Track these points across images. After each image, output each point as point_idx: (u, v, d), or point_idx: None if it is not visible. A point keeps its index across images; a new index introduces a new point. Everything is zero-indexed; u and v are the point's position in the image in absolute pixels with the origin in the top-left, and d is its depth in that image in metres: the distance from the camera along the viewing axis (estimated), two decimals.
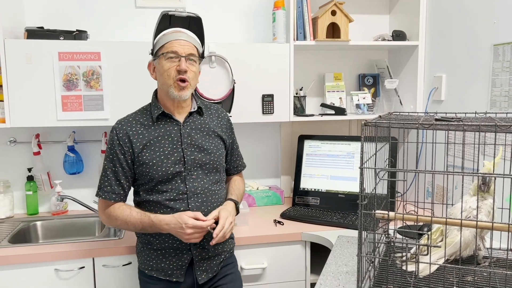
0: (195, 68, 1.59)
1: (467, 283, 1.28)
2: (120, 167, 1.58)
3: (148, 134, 1.59)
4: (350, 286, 1.37)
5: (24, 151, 2.31)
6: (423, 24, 2.32)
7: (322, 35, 2.26)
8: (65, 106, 2.02)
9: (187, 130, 1.62)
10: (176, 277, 1.59)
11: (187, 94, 1.57)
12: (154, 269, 1.61)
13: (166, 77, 1.55)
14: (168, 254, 1.59)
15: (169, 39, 1.55)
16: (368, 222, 1.21)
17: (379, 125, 1.19)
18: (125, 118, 1.64)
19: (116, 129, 1.60)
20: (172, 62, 1.54)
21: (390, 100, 2.57)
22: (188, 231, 1.47)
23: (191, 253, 1.59)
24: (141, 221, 1.55)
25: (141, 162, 1.57)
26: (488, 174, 1.08)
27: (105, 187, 1.60)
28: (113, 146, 1.59)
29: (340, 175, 2.32)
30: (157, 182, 1.56)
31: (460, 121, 1.14)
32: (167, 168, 1.56)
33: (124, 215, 1.57)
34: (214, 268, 1.64)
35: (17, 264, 1.76)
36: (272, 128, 2.61)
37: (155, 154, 1.57)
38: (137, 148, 1.57)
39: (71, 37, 2.06)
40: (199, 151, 1.61)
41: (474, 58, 1.94)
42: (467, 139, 1.90)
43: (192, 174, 1.59)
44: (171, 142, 1.59)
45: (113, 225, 1.64)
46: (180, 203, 1.57)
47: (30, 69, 1.98)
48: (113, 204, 1.61)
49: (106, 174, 1.60)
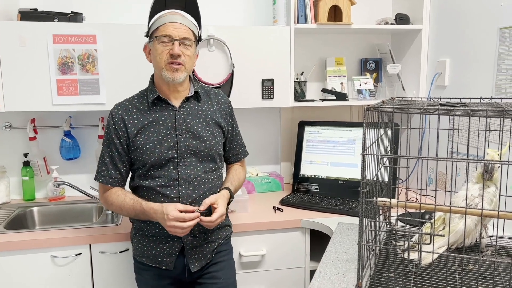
0: (189, 51, 1.54)
1: (469, 271, 1.26)
2: (116, 151, 1.57)
3: (143, 118, 1.56)
4: (350, 274, 1.35)
5: (19, 136, 2.28)
6: (427, 7, 2.27)
7: (324, 18, 2.20)
8: (60, 90, 1.98)
9: (183, 115, 1.58)
10: (165, 264, 1.58)
11: (180, 76, 1.53)
12: (145, 256, 1.60)
13: (159, 60, 1.52)
14: (159, 241, 1.58)
15: (163, 22, 1.51)
16: (369, 209, 1.19)
17: (382, 110, 1.16)
18: (122, 102, 1.62)
19: (113, 114, 1.59)
20: (166, 45, 1.51)
21: (392, 86, 2.53)
22: (169, 223, 1.43)
23: (181, 241, 1.57)
24: (134, 208, 1.54)
25: (135, 147, 1.55)
26: (493, 161, 1.04)
27: (102, 171, 1.59)
28: (109, 130, 1.58)
29: (340, 161, 2.29)
30: (150, 167, 1.55)
31: (466, 106, 1.10)
32: (160, 153, 1.54)
33: (118, 201, 1.57)
34: (207, 255, 1.62)
35: (13, 251, 1.75)
36: (272, 114, 2.57)
37: (149, 139, 1.54)
38: (131, 133, 1.55)
39: (66, 19, 2.00)
40: (194, 138, 1.58)
41: (479, 42, 1.89)
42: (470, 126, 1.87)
43: (185, 161, 1.56)
44: (165, 127, 1.56)
45: (111, 209, 1.63)
46: (171, 189, 1.54)
47: (24, 52, 1.93)
48: (110, 189, 1.60)
49: (103, 159, 1.59)
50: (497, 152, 1.29)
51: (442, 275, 1.24)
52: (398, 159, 1.83)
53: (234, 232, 1.92)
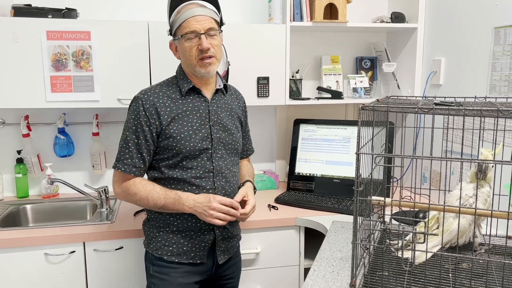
0: (217, 41, 1.53)
1: (463, 270, 1.27)
2: (144, 139, 1.50)
3: (175, 107, 1.52)
4: (344, 273, 1.35)
5: (13, 133, 2.26)
6: (422, 6, 2.27)
7: (320, 16, 2.20)
8: (54, 87, 1.97)
9: (214, 107, 1.58)
10: (199, 258, 1.56)
11: (214, 69, 1.53)
12: (175, 253, 1.55)
13: (189, 58, 1.50)
14: (189, 236, 1.55)
15: (185, 18, 1.48)
16: (363, 208, 1.19)
17: (377, 109, 1.16)
18: (150, 89, 1.54)
19: (142, 100, 1.50)
20: (193, 41, 1.49)
21: (387, 84, 2.53)
22: (214, 204, 1.45)
23: (213, 233, 1.57)
24: (166, 196, 1.48)
25: (167, 136, 1.50)
26: (487, 161, 1.05)
27: (126, 160, 1.51)
28: (138, 116, 1.49)
29: (335, 159, 2.29)
30: (184, 157, 1.51)
31: (460, 105, 1.10)
32: (195, 143, 1.51)
33: (146, 190, 1.50)
34: (230, 249, 1.65)
35: (6, 248, 1.73)
36: (267, 112, 2.57)
37: (183, 128, 1.51)
38: (165, 121, 1.49)
39: (60, 16, 1.99)
40: (224, 130, 1.59)
41: (474, 41, 1.90)
42: (465, 125, 1.87)
43: (217, 152, 1.57)
44: (199, 117, 1.54)
45: (128, 200, 1.55)
46: (206, 181, 1.53)
47: (17, 48, 1.91)
48: (133, 178, 1.53)
49: (127, 146, 1.51)
50: (491, 151, 1.29)
51: (435, 274, 1.25)
52: (392, 158, 1.84)
53: None
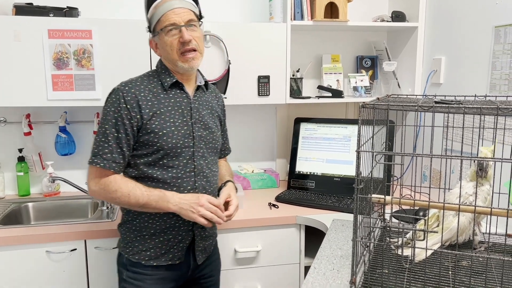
0: (198, 33, 1.48)
1: (462, 268, 1.28)
2: (125, 133, 1.41)
3: (157, 102, 1.46)
4: (345, 270, 1.35)
5: (14, 132, 2.27)
6: (423, 5, 2.27)
7: (320, 15, 2.21)
8: (55, 85, 1.97)
9: (196, 104, 1.54)
10: (178, 258, 1.52)
11: (198, 63, 1.49)
12: (153, 257, 1.50)
13: (171, 52, 1.45)
14: (168, 237, 1.50)
15: (163, 12, 1.43)
16: (363, 206, 1.19)
17: (377, 107, 1.16)
18: (130, 82, 1.47)
19: (123, 91, 1.42)
20: (173, 35, 1.44)
21: (388, 83, 2.54)
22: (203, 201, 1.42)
23: (192, 233, 1.53)
24: (149, 193, 1.41)
25: (148, 131, 1.42)
26: (487, 159, 1.05)
27: (105, 154, 1.41)
28: (118, 109, 1.41)
29: (336, 158, 2.30)
30: (165, 154, 1.45)
31: (460, 104, 1.11)
32: (177, 140, 1.46)
33: (128, 187, 1.41)
34: (208, 248, 1.61)
35: (8, 246, 1.74)
36: (268, 110, 2.58)
37: (165, 124, 1.45)
38: (146, 115, 1.42)
39: (61, 14, 1.99)
40: (205, 128, 1.54)
41: (475, 40, 1.90)
42: (465, 124, 1.88)
43: (199, 151, 1.51)
44: (181, 114, 1.49)
45: (107, 198, 1.45)
46: (187, 181, 1.48)
47: (19, 46, 1.92)
48: (113, 174, 1.44)
49: (107, 140, 1.41)
50: (490, 149, 1.30)
51: (435, 271, 1.25)
52: (393, 156, 1.84)
53: (229, 228, 1.93)
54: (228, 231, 1.93)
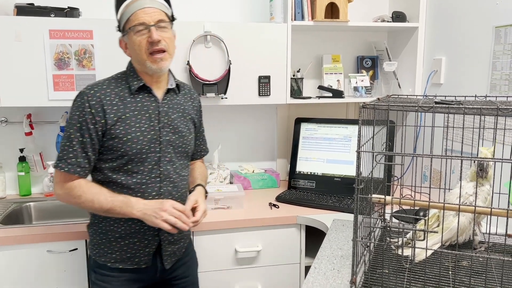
0: (168, 34, 1.45)
1: (462, 268, 1.28)
2: (89, 137, 1.40)
3: (123, 106, 1.43)
4: (345, 270, 1.36)
5: (15, 131, 2.27)
6: (423, 6, 2.28)
7: (321, 15, 2.21)
8: (56, 85, 1.98)
9: (165, 108, 1.50)
10: (144, 263, 1.50)
11: (167, 65, 1.45)
12: (119, 260, 1.48)
13: (139, 52, 1.42)
14: (134, 241, 1.48)
15: (133, 10, 1.40)
16: (364, 206, 1.20)
17: (377, 107, 1.16)
18: (97, 85, 1.45)
19: (88, 95, 1.40)
20: (142, 34, 1.40)
21: (388, 83, 2.54)
22: (167, 206, 1.38)
23: (158, 238, 1.50)
24: (113, 199, 1.40)
25: (113, 136, 1.41)
26: (487, 159, 1.05)
27: (69, 159, 1.40)
28: (83, 113, 1.40)
29: (336, 158, 2.30)
30: (129, 160, 1.42)
31: (460, 104, 1.11)
32: (142, 145, 1.43)
33: (92, 192, 1.41)
34: (176, 252, 1.58)
35: (10, 245, 1.75)
36: (269, 110, 2.58)
37: (130, 129, 1.42)
38: (110, 120, 1.40)
39: (63, 14, 2.00)
40: (174, 132, 1.51)
41: (475, 41, 1.91)
42: (465, 124, 1.88)
43: (166, 156, 1.48)
44: (148, 118, 1.46)
45: (71, 202, 1.44)
46: (152, 187, 1.46)
47: (20, 47, 1.92)
48: (77, 179, 1.42)
49: (71, 145, 1.40)
50: (490, 150, 1.30)
51: (435, 271, 1.25)
52: (393, 156, 1.85)
53: (230, 228, 1.93)
54: (228, 231, 1.94)
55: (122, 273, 1.50)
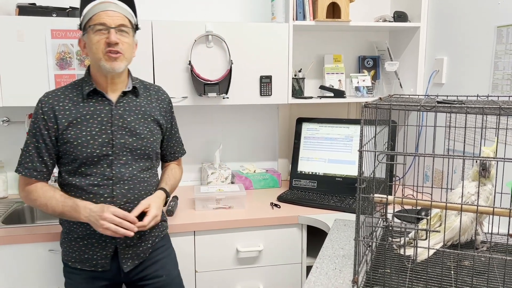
0: (127, 39, 1.47)
1: (464, 267, 1.28)
2: (44, 143, 1.47)
3: (75, 111, 1.47)
4: (347, 270, 1.36)
5: (17, 131, 2.27)
6: (425, 5, 2.27)
7: (322, 15, 2.21)
8: (58, 85, 1.98)
9: (119, 111, 1.51)
10: (101, 266, 1.51)
11: (120, 66, 1.46)
12: (77, 260, 1.52)
13: (95, 51, 1.44)
14: (91, 244, 1.50)
15: (96, 11, 1.43)
16: (366, 205, 1.19)
17: (379, 107, 1.16)
18: (53, 91, 1.51)
19: (42, 102, 1.48)
20: (101, 34, 1.43)
21: (390, 83, 2.54)
22: (106, 214, 1.39)
23: (115, 241, 1.50)
24: (64, 204, 1.45)
25: (65, 140, 1.46)
26: (489, 158, 1.05)
27: (26, 163, 1.48)
28: (37, 120, 1.47)
29: (338, 158, 2.30)
30: (81, 163, 1.46)
31: (462, 103, 1.11)
32: (93, 149, 1.46)
33: (46, 197, 1.47)
34: (140, 254, 1.56)
35: (11, 244, 1.75)
36: (270, 110, 2.58)
37: (81, 134, 1.46)
38: (62, 125, 1.46)
39: (64, 14, 2.00)
40: (131, 135, 1.51)
41: (477, 40, 1.90)
42: (467, 124, 1.88)
43: (120, 159, 1.49)
44: (100, 122, 1.48)
45: (31, 204, 1.53)
46: (104, 189, 1.47)
47: (22, 46, 1.92)
48: (35, 183, 1.50)
49: (28, 150, 1.48)
50: (492, 149, 1.30)
51: (437, 271, 1.25)
52: (395, 156, 1.85)
53: (231, 228, 1.93)
54: (230, 231, 1.94)
55: (83, 272, 1.54)
